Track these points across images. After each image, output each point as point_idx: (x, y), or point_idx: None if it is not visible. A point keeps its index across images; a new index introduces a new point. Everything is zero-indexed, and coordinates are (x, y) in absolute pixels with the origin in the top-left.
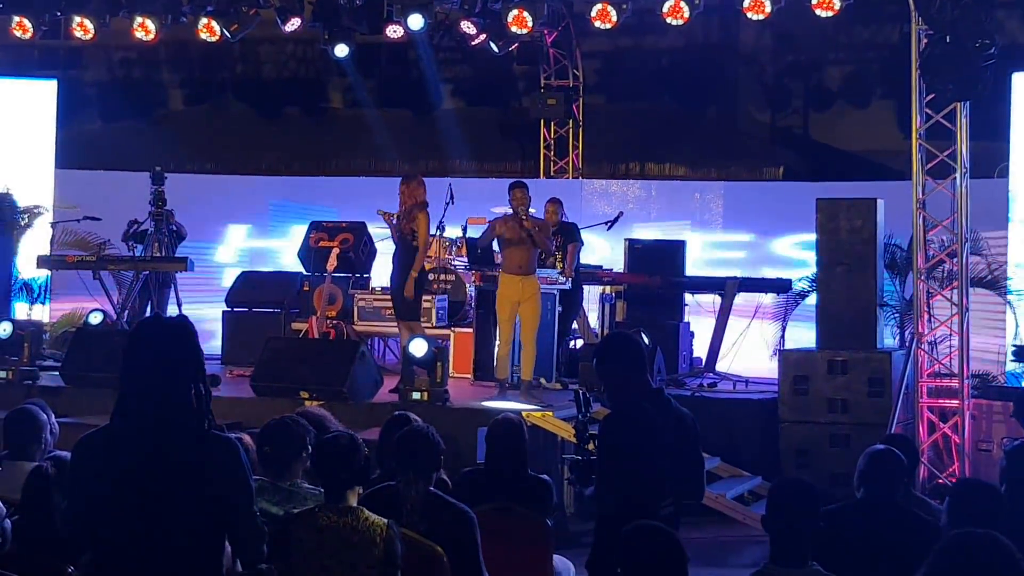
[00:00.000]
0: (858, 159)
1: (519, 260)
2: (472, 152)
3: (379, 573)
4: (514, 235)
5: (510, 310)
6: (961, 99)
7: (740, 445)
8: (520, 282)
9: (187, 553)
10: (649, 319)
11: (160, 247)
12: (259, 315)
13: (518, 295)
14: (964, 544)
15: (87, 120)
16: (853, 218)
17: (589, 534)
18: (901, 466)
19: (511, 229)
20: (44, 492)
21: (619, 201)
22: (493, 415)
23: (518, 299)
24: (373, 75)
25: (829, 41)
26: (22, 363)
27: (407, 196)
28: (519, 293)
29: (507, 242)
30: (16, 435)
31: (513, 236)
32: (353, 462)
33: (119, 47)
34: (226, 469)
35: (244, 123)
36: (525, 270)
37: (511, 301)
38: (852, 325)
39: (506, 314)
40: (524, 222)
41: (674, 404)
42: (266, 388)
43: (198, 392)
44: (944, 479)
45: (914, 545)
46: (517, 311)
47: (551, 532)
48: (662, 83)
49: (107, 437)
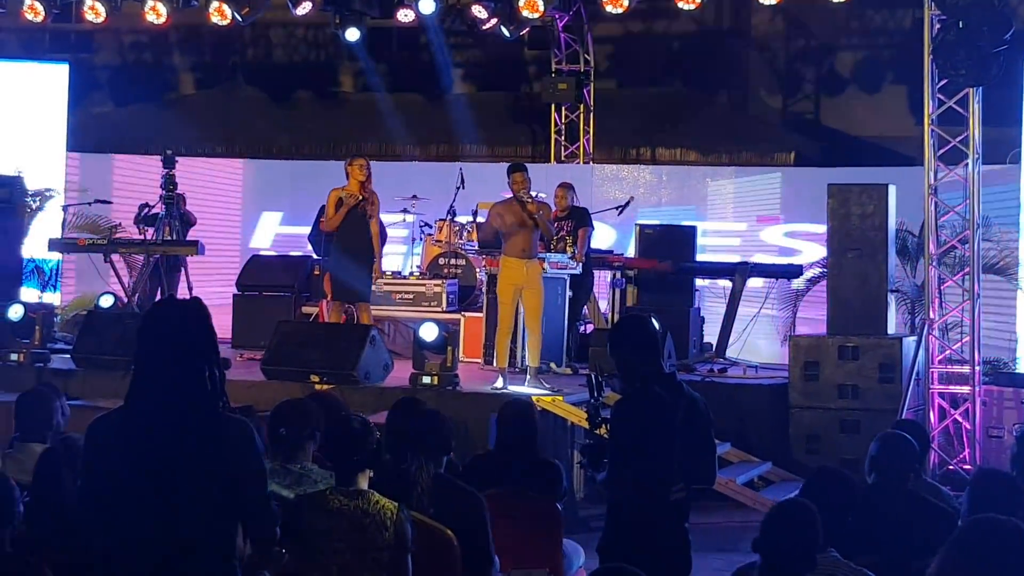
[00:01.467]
0: (870, 145)
1: (522, 244)
2: (483, 136)
3: (390, 556)
4: (516, 218)
5: (513, 294)
6: (974, 85)
7: (750, 430)
8: (524, 266)
9: (200, 535)
10: (659, 304)
11: (171, 231)
12: (269, 299)
13: (522, 280)
14: (985, 529)
15: (98, 103)
16: (865, 204)
17: (598, 518)
18: (912, 451)
19: (513, 212)
20: (54, 474)
21: (630, 186)
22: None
23: (522, 284)
24: (384, 59)
25: (841, 26)
26: (33, 346)
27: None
28: (523, 278)
29: (509, 226)
30: (28, 417)
31: (515, 219)
32: (364, 446)
33: (131, 30)
34: (240, 451)
35: (255, 107)
36: (529, 254)
37: (514, 285)
38: (863, 311)
39: (509, 298)
40: (528, 205)
41: (687, 389)
42: (276, 372)
43: (212, 374)
44: (955, 465)
45: (925, 530)
46: (520, 296)
47: (561, 516)
48: (673, 68)
49: (122, 419)
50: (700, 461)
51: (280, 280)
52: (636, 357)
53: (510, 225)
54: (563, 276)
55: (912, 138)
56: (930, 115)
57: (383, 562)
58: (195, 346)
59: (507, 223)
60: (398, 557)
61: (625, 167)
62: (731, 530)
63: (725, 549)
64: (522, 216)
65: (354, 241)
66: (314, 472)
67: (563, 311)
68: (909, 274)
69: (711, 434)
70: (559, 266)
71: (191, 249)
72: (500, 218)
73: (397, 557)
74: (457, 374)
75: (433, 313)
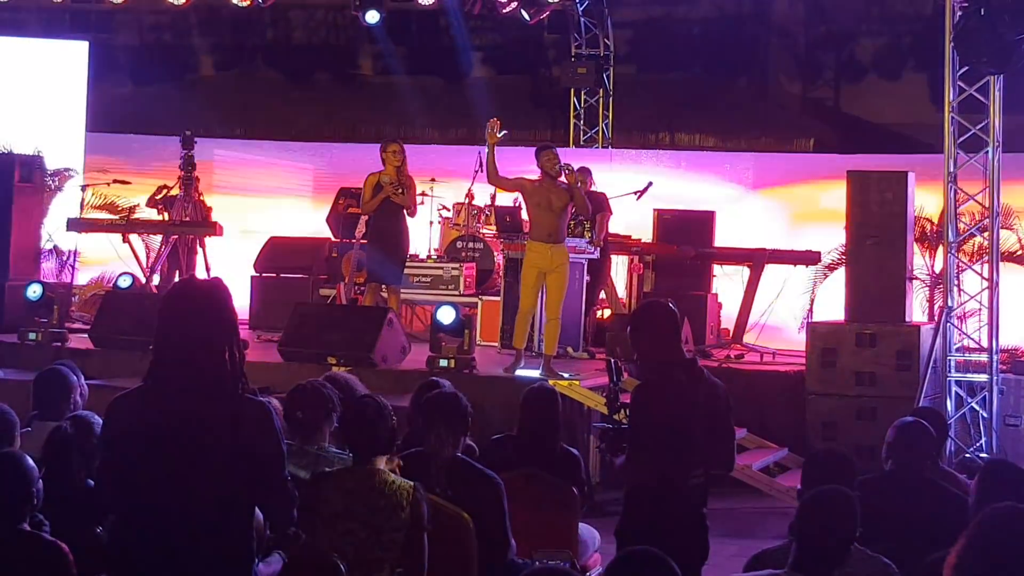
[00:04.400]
0: (890, 132)
1: (549, 227)
2: (502, 120)
3: (406, 536)
4: (543, 200)
5: (536, 277)
6: (995, 72)
7: (767, 417)
8: (549, 250)
9: (217, 515)
10: (677, 289)
11: (189, 211)
12: (287, 280)
13: (547, 264)
14: (1008, 516)
15: (118, 83)
16: (884, 191)
17: (615, 503)
18: (930, 439)
19: (540, 192)
20: (65, 452)
21: (649, 171)
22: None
23: (547, 268)
24: (404, 42)
25: (862, 12)
26: (51, 325)
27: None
28: (548, 262)
29: (535, 207)
30: (46, 395)
31: (542, 201)
32: (379, 428)
33: (151, 11)
34: (259, 432)
35: (274, 89)
36: (555, 238)
37: (538, 268)
38: (881, 298)
39: (531, 280)
40: (568, 175)
41: (707, 374)
42: (294, 353)
43: (232, 355)
44: (971, 453)
45: (941, 518)
46: (543, 280)
47: (578, 500)
48: (693, 53)
49: (141, 397)
50: (719, 447)
51: (298, 262)
52: (656, 343)
53: (536, 206)
54: (581, 261)
55: (932, 125)
56: (950, 102)
57: (399, 541)
58: (216, 326)
59: (531, 201)
60: (414, 536)
61: (644, 152)
62: (746, 516)
63: (741, 534)
64: (549, 198)
65: (388, 226)
66: (331, 453)
67: (580, 296)
68: (928, 262)
69: (731, 421)
70: (577, 251)
71: (210, 230)
72: (523, 191)
73: (413, 536)
74: (474, 357)
75: (450, 296)
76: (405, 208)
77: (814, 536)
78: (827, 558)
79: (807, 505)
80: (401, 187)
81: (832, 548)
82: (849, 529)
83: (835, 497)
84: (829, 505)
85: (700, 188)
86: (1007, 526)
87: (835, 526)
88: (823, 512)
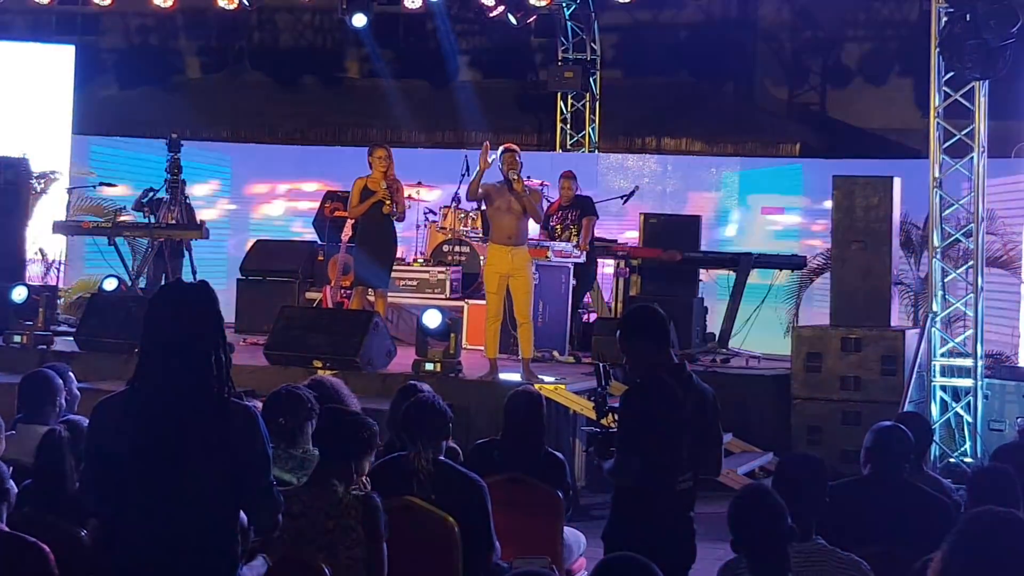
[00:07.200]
0: (875, 137)
1: (509, 230)
2: (488, 124)
3: (365, 551)
4: (503, 203)
5: (498, 283)
6: (980, 78)
7: (752, 421)
8: (509, 253)
9: (202, 519)
10: (663, 293)
11: (175, 215)
12: (273, 284)
13: (508, 267)
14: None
15: (104, 86)
16: (869, 196)
17: (600, 507)
18: (907, 442)
19: (500, 194)
20: (57, 456)
21: (635, 175)
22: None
23: (508, 271)
24: (390, 45)
25: (848, 18)
26: (36, 328)
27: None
28: (508, 265)
29: (496, 210)
30: (31, 398)
31: (502, 204)
32: (354, 437)
33: (137, 13)
34: (244, 437)
35: (261, 92)
36: (515, 240)
37: (499, 273)
38: (866, 303)
39: (494, 287)
40: (514, 183)
41: (696, 379)
42: (279, 357)
43: (218, 358)
44: (956, 458)
45: (921, 521)
46: (506, 284)
47: (563, 504)
48: (680, 58)
49: (126, 401)
50: (707, 452)
51: (284, 265)
52: (646, 347)
53: (496, 209)
54: (567, 265)
55: (918, 130)
56: (936, 108)
57: (359, 557)
58: (201, 329)
59: (492, 204)
60: (373, 548)
61: (630, 156)
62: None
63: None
64: (509, 200)
65: (376, 230)
66: (316, 456)
67: (566, 300)
68: (913, 267)
69: (719, 426)
70: (563, 255)
71: (196, 233)
72: (487, 197)
73: (372, 549)
74: (460, 361)
75: (436, 300)
76: (393, 215)
77: (741, 533)
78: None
79: (732, 504)
80: (391, 195)
81: (768, 544)
82: (775, 519)
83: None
84: (749, 500)
85: (686, 193)
86: (991, 531)
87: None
88: (744, 509)
